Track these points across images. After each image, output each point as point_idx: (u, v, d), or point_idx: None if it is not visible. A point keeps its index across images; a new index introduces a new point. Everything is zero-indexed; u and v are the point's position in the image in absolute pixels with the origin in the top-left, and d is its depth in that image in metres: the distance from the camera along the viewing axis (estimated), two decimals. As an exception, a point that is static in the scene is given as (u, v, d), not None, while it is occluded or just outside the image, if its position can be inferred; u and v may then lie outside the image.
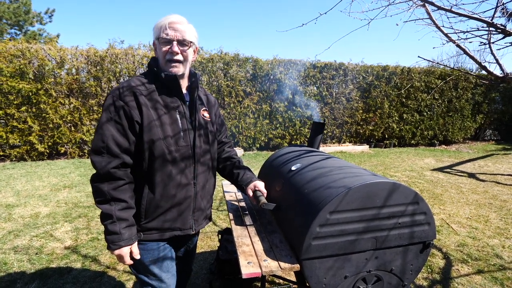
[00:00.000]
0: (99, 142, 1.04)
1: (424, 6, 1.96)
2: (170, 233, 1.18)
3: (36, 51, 5.61)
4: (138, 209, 1.12)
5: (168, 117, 1.12)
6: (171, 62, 1.12)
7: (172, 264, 1.26)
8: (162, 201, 1.13)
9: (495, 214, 3.46)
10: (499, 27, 1.57)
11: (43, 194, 3.91)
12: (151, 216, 1.13)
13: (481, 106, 9.42)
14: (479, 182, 4.90)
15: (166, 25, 1.10)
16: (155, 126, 1.08)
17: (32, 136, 5.69)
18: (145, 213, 1.13)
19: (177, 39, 1.11)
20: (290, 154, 1.70)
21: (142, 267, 1.19)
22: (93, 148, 1.05)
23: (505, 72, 2.04)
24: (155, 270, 1.19)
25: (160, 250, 1.20)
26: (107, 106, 1.06)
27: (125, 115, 1.05)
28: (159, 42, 1.11)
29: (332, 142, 8.28)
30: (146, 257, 1.17)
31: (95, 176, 1.05)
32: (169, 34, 1.10)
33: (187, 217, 1.20)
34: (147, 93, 1.10)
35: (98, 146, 1.04)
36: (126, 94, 1.06)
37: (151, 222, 1.14)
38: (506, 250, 2.63)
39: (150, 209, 1.13)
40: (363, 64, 8.08)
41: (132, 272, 1.25)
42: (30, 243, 2.60)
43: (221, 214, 3.30)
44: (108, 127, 1.04)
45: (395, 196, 1.14)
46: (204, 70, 6.76)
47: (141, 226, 1.14)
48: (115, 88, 1.09)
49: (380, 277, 1.20)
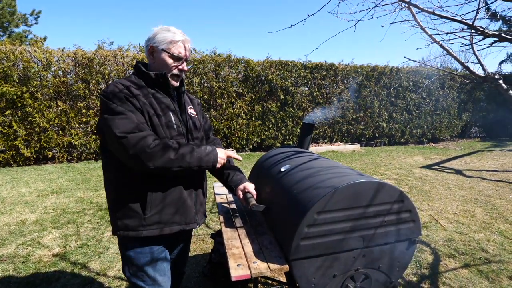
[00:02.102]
0: (127, 125, 1.01)
1: (409, 8, 2.01)
2: (177, 227, 1.17)
3: (21, 53, 5.47)
4: (144, 201, 1.11)
5: (161, 112, 1.14)
6: (176, 77, 1.20)
7: (168, 267, 1.25)
8: (166, 193, 1.13)
9: (481, 209, 3.56)
10: (479, 29, 1.62)
11: (29, 200, 3.81)
12: (157, 209, 1.12)
13: (466, 105, 9.69)
14: (466, 178, 5.03)
15: (178, 41, 1.17)
16: (153, 115, 1.11)
17: (17, 140, 5.54)
18: (151, 205, 1.11)
19: (185, 58, 1.20)
20: (280, 155, 1.71)
21: (138, 271, 1.18)
22: (124, 130, 1.00)
23: (487, 72, 2.11)
24: (151, 273, 1.18)
25: (156, 253, 1.19)
26: (110, 98, 1.04)
27: (129, 102, 1.06)
28: (171, 56, 1.16)
29: (324, 141, 8.36)
30: (143, 260, 1.16)
31: (148, 156, 1.01)
32: (182, 53, 1.18)
33: (191, 210, 1.21)
34: (138, 88, 1.12)
35: (128, 128, 1.01)
36: (121, 88, 1.07)
37: (157, 215, 1.13)
38: (491, 243, 2.71)
39: (155, 201, 1.12)
40: (353, 64, 8.19)
41: (126, 276, 1.22)
42: (16, 252, 2.53)
43: (214, 216, 3.29)
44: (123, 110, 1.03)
45: (381, 195, 1.16)
46: (195, 72, 6.73)
47: (146, 220, 1.11)
48: (107, 87, 1.09)
49: (368, 274, 1.22)
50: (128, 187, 1.11)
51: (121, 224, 1.12)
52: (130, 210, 1.11)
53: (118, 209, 1.13)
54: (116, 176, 1.13)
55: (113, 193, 1.15)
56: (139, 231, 1.12)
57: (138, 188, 1.11)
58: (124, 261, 1.21)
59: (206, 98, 6.91)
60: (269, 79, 7.25)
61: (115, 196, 1.15)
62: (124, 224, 1.12)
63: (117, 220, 1.13)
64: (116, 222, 1.13)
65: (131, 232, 1.12)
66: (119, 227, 1.13)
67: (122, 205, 1.12)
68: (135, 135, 1.01)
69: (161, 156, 1.03)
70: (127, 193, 1.12)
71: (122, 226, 1.12)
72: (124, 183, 1.12)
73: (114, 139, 1.01)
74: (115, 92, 1.05)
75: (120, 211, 1.12)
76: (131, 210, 1.11)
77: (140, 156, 1.01)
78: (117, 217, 1.13)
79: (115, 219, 1.14)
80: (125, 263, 1.21)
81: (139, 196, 1.11)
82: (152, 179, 1.11)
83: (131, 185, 1.11)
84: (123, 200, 1.12)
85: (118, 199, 1.13)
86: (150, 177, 1.11)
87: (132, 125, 1.02)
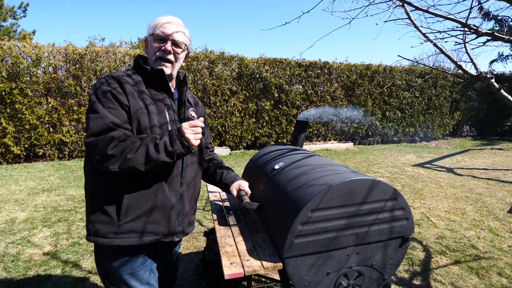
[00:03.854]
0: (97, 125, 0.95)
1: (403, 6, 2.01)
2: (152, 238, 1.07)
3: (10, 48, 5.33)
4: (119, 205, 1.02)
5: (154, 108, 1.08)
6: (162, 60, 1.10)
7: (152, 275, 1.16)
8: (146, 199, 1.04)
9: (471, 207, 3.63)
10: (472, 28, 1.64)
11: (19, 198, 3.73)
12: (132, 215, 1.03)
13: (458, 104, 9.84)
14: (457, 176, 5.12)
15: (163, 23, 1.09)
16: (142, 114, 1.04)
17: (7, 138, 5.41)
18: (126, 211, 1.02)
19: (172, 39, 1.10)
20: (273, 153, 1.70)
21: (117, 280, 1.09)
22: (91, 133, 0.95)
23: (479, 71, 2.13)
24: (132, 283, 1.09)
25: (136, 262, 1.10)
26: (94, 93, 1.01)
27: (114, 99, 1.00)
28: (153, 38, 1.10)
29: (318, 140, 8.39)
30: (121, 270, 1.08)
31: (110, 158, 0.94)
32: (164, 32, 1.09)
33: (172, 221, 1.11)
34: (133, 84, 1.07)
35: (98, 128, 0.95)
36: (111, 82, 1.03)
37: (132, 223, 1.03)
38: (481, 240, 2.76)
39: (132, 207, 1.02)
40: (347, 63, 8.23)
41: (105, 284, 1.13)
42: (5, 250, 2.48)
43: (207, 214, 3.28)
44: (100, 107, 0.98)
45: (375, 193, 1.16)
46: (189, 69, 6.66)
47: (120, 227, 1.02)
48: (98, 80, 1.05)
49: (361, 272, 1.23)
50: (103, 189, 1.03)
51: (92, 229, 1.03)
52: (103, 215, 1.02)
53: (92, 212, 1.04)
54: (93, 177, 1.06)
55: (89, 195, 1.07)
56: (111, 238, 1.02)
57: (114, 191, 1.02)
58: (101, 271, 1.13)
59: (200, 96, 6.86)
60: (263, 77, 7.23)
61: (91, 198, 1.06)
62: (95, 229, 1.03)
63: (89, 224, 1.04)
64: (88, 226, 1.05)
65: (101, 239, 1.02)
66: (90, 231, 1.04)
67: (96, 208, 1.04)
68: (101, 137, 0.95)
69: (124, 156, 0.95)
70: (102, 195, 1.03)
71: (93, 231, 1.03)
72: (100, 185, 1.04)
73: (84, 142, 0.98)
74: (102, 87, 1.01)
75: (93, 215, 1.04)
76: (104, 215, 1.02)
77: (102, 159, 0.95)
78: (90, 221, 1.04)
79: (87, 223, 1.05)
80: (102, 272, 1.13)
81: (114, 200, 1.02)
82: (130, 182, 1.02)
83: (106, 188, 1.03)
84: (98, 203, 1.03)
85: (93, 201, 1.05)
86: (127, 180, 1.02)
87: (103, 125, 0.95)
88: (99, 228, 1.03)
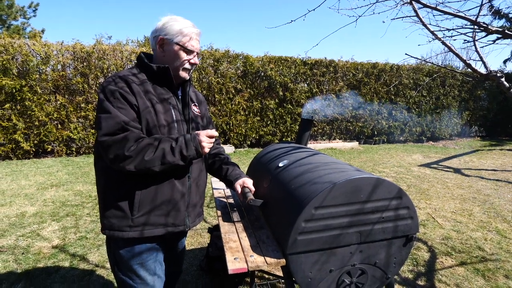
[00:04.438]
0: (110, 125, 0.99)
1: (411, 3, 1.99)
2: (163, 229, 1.14)
3: (20, 46, 5.43)
4: (132, 201, 1.08)
5: (161, 107, 1.11)
6: (187, 70, 1.19)
7: (159, 266, 1.23)
8: (156, 193, 1.10)
9: (479, 208, 3.58)
10: (482, 25, 1.61)
11: (29, 193, 3.82)
12: (144, 210, 1.10)
13: (467, 103, 9.67)
14: (464, 177, 5.04)
15: (193, 35, 1.15)
16: (149, 112, 1.07)
17: (17, 134, 5.53)
18: (138, 206, 1.08)
19: (197, 51, 1.19)
20: (278, 151, 1.71)
21: (127, 269, 1.15)
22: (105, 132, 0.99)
23: (489, 69, 2.10)
24: (141, 273, 1.15)
25: (145, 252, 1.16)
26: (103, 92, 1.03)
27: (123, 98, 1.03)
28: (183, 49, 1.14)
29: (322, 138, 8.35)
30: (131, 259, 1.14)
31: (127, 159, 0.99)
32: (194, 46, 1.16)
33: (181, 212, 1.18)
34: (140, 83, 1.09)
35: (111, 129, 0.99)
36: (118, 82, 1.05)
37: (144, 216, 1.10)
38: (488, 242, 2.72)
39: (145, 202, 1.09)
40: (353, 61, 8.15)
41: (114, 275, 1.19)
42: (16, 243, 2.54)
43: (211, 211, 3.30)
44: (110, 107, 1.01)
45: (379, 191, 1.16)
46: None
47: (133, 221, 1.09)
48: (105, 80, 1.07)
49: (364, 270, 1.23)
50: (116, 186, 1.09)
51: (107, 223, 1.10)
52: (117, 210, 1.09)
53: (106, 207, 1.11)
54: (106, 174, 1.11)
55: (102, 191, 1.13)
56: (125, 231, 1.09)
57: (127, 188, 1.08)
58: (112, 260, 1.19)
59: (205, 94, 6.88)
60: (268, 75, 7.22)
61: (104, 194, 1.12)
62: (110, 223, 1.10)
63: (104, 219, 1.11)
64: (103, 220, 1.12)
65: (116, 232, 1.09)
66: (105, 225, 1.11)
67: (110, 204, 1.10)
68: (115, 137, 0.99)
69: (141, 158, 1.00)
70: (115, 192, 1.09)
71: (108, 225, 1.10)
72: (113, 182, 1.09)
73: (97, 140, 1.01)
74: (110, 87, 1.03)
75: (108, 210, 1.10)
76: (118, 210, 1.09)
77: (118, 159, 0.99)
78: (104, 216, 1.11)
79: (102, 218, 1.12)
80: (113, 262, 1.19)
81: (127, 196, 1.08)
82: (141, 178, 1.08)
83: (119, 184, 1.09)
84: (111, 199, 1.09)
85: (107, 197, 1.11)
86: (139, 177, 1.08)
87: (116, 125, 0.99)
88: (113, 222, 1.10)
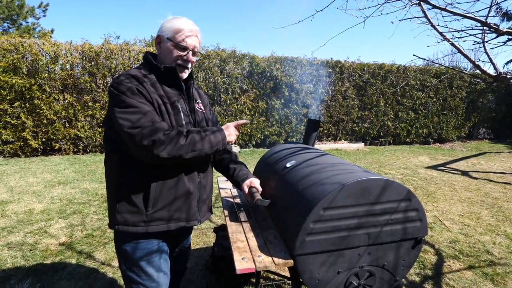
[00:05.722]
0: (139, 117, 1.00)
1: (420, 4, 1.97)
2: (176, 224, 1.16)
3: (30, 45, 5.52)
4: (146, 197, 1.09)
5: (170, 106, 1.13)
6: (182, 67, 1.17)
7: (165, 263, 1.23)
8: (169, 188, 1.12)
9: (487, 211, 3.52)
10: (493, 26, 1.59)
11: (37, 190, 3.88)
12: (159, 205, 1.11)
13: (475, 105, 9.53)
14: (472, 180, 4.97)
15: (186, 32, 1.13)
16: (162, 112, 1.09)
17: (25, 132, 5.62)
18: (153, 202, 1.10)
19: (192, 48, 1.16)
20: (285, 151, 1.71)
21: (134, 265, 1.16)
22: (135, 125, 0.99)
23: (498, 71, 2.06)
24: (147, 269, 1.16)
25: (153, 248, 1.17)
26: (118, 89, 1.03)
27: (141, 94, 1.04)
28: (175, 45, 1.13)
29: (328, 139, 8.32)
30: (139, 255, 1.15)
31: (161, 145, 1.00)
32: (188, 42, 1.14)
33: (193, 207, 1.20)
34: (151, 83, 1.11)
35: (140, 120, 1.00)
36: (132, 80, 1.06)
37: (159, 212, 1.12)
38: (497, 246, 2.68)
39: (160, 197, 1.11)
40: (360, 62, 8.10)
41: (121, 270, 1.20)
42: (24, 240, 2.59)
43: (217, 211, 3.31)
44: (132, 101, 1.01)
45: (388, 193, 1.15)
46: (200, 67, 6.73)
47: (148, 216, 1.10)
48: (116, 78, 1.07)
49: (372, 272, 1.22)
50: (131, 182, 1.10)
51: (121, 219, 1.10)
52: (132, 205, 1.10)
53: (120, 203, 1.11)
54: (119, 169, 1.11)
55: (114, 187, 1.13)
56: (139, 227, 1.10)
57: (141, 183, 1.09)
58: (120, 256, 1.20)
59: (211, 94, 6.91)
60: (274, 75, 7.21)
61: (116, 190, 1.12)
62: (124, 218, 1.10)
63: (117, 214, 1.11)
64: (115, 216, 1.11)
65: (130, 228, 1.10)
66: (118, 221, 1.11)
67: (123, 199, 1.10)
68: (147, 126, 1.00)
69: (174, 144, 1.02)
70: (130, 188, 1.10)
71: (121, 221, 1.10)
72: (127, 178, 1.10)
73: (126, 132, 1.00)
74: (125, 84, 1.03)
75: (121, 206, 1.10)
76: (132, 205, 1.10)
77: (153, 146, 1.00)
78: (118, 211, 1.11)
79: (114, 213, 1.12)
80: (120, 257, 1.19)
81: (142, 191, 1.10)
82: (155, 174, 1.09)
83: (134, 180, 1.10)
84: (125, 194, 1.10)
85: (120, 193, 1.11)
86: (153, 172, 1.09)
87: (144, 117, 1.01)
88: (127, 217, 1.11)
